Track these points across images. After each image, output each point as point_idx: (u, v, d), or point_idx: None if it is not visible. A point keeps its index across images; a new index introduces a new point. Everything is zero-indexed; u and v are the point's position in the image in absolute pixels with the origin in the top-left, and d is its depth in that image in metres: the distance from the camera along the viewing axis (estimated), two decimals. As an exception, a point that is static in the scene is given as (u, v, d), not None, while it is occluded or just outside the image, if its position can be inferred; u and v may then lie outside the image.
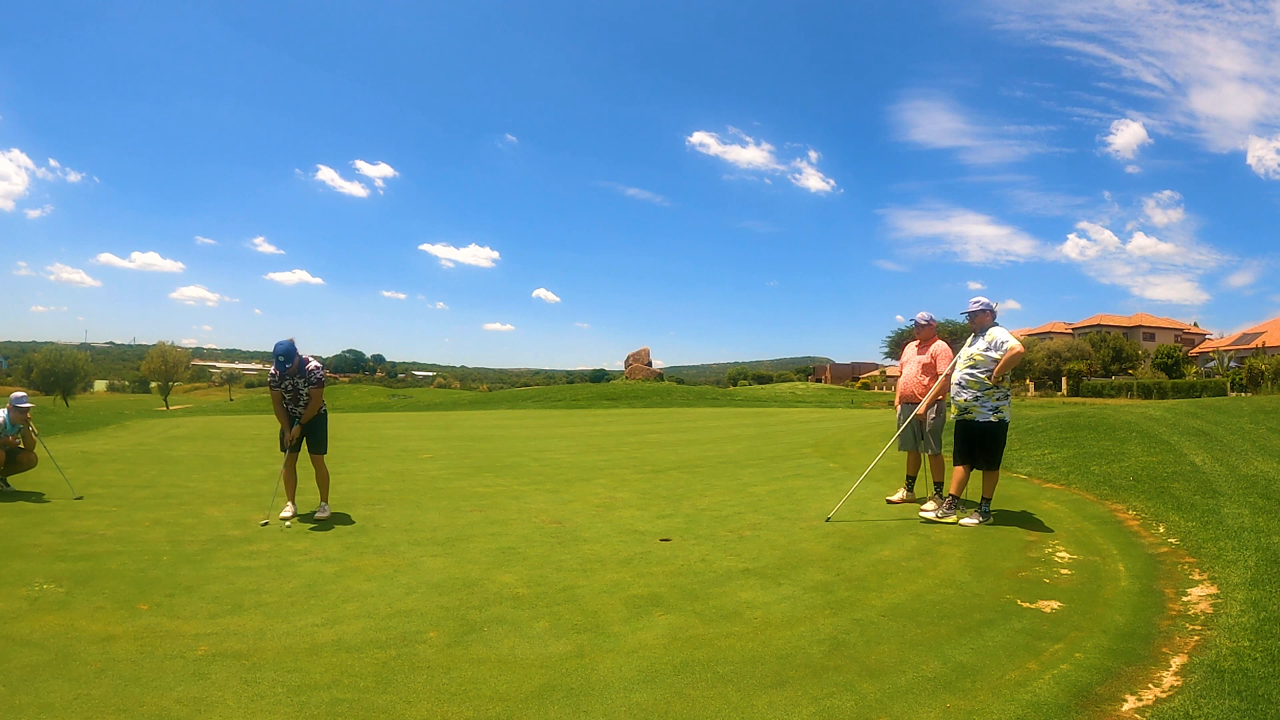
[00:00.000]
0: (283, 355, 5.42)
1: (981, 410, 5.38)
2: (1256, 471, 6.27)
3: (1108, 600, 3.67)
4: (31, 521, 5.27)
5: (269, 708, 2.48)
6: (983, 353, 5.38)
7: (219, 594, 3.67)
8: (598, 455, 10.34)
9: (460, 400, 40.52)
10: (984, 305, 5.52)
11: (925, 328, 6.24)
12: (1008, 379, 5.43)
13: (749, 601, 3.66)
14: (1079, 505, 6.06)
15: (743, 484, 7.56)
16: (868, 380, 65.16)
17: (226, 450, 10.73)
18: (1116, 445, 8.22)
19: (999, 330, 5.43)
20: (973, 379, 5.41)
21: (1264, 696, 2.47)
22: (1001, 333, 5.41)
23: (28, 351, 61.20)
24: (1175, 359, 48.20)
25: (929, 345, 6.23)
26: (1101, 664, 2.88)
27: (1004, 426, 5.41)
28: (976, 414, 5.40)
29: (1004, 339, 5.36)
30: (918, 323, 6.27)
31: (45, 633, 3.09)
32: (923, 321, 6.25)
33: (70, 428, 14.82)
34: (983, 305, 5.53)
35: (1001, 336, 5.38)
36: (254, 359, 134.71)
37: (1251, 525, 4.67)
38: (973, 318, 5.55)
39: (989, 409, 5.36)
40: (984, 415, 5.37)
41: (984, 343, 5.41)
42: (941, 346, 6.17)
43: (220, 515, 5.65)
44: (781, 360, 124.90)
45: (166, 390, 57.08)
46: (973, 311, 5.55)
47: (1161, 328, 62.76)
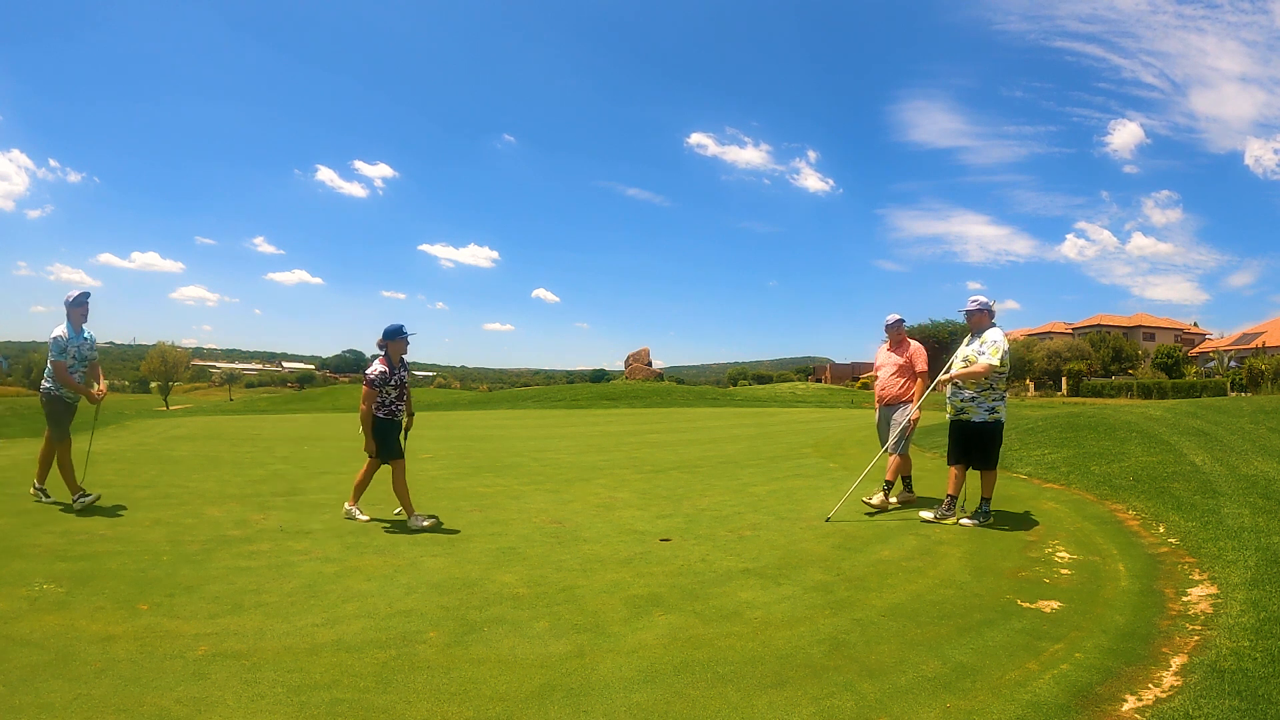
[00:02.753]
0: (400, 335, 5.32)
1: (978, 411, 5.37)
2: (1256, 471, 6.27)
3: (1108, 600, 3.67)
4: (31, 521, 5.27)
5: (269, 708, 2.48)
6: (977, 354, 5.37)
7: (219, 594, 3.67)
8: (598, 455, 10.34)
9: (460, 400, 40.50)
10: (982, 305, 5.50)
11: (894, 328, 6.26)
12: (1004, 380, 5.41)
13: (749, 601, 3.66)
14: (1079, 505, 6.05)
15: (743, 484, 7.56)
16: (868, 380, 65.16)
17: (226, 450, 10.73)
18: (1116, 445, 8.22)
19: (993, 332, 5.39)
20: (970, 380, 5.39)
21: (1264, 696, 2.47)
22: (994, 335, 5.36)
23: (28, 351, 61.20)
24: (1175, 359, 48.19)
25: (904, 347, 6.22)
26: (1101, 664, 2.88)
27: (1000, 426, 5.40)
28: (973, 414, 5.39)
29: (986, 350, 5.30)
30: (887, 324, 6.29)
31: (45, 633, 3.09)
32: (891, 322, 6.26)
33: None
34: (980, 305, 5.51)
35: (992, 339, 5.33)
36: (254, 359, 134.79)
37: (1251, 525, 4.66)
38: (970, 317, 5.54)
39: (985, 409, 5.35)
40: (980, 416, 5.36)
41: (979, 344, 5.40)
42: (918, 347, 6.17)
43: (220, 515, 5.64)
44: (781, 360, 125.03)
45: (166, 390, 57.08)
46: (970, 310, 5.53)
47: (1161, 328, 62.76)
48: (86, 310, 5.95)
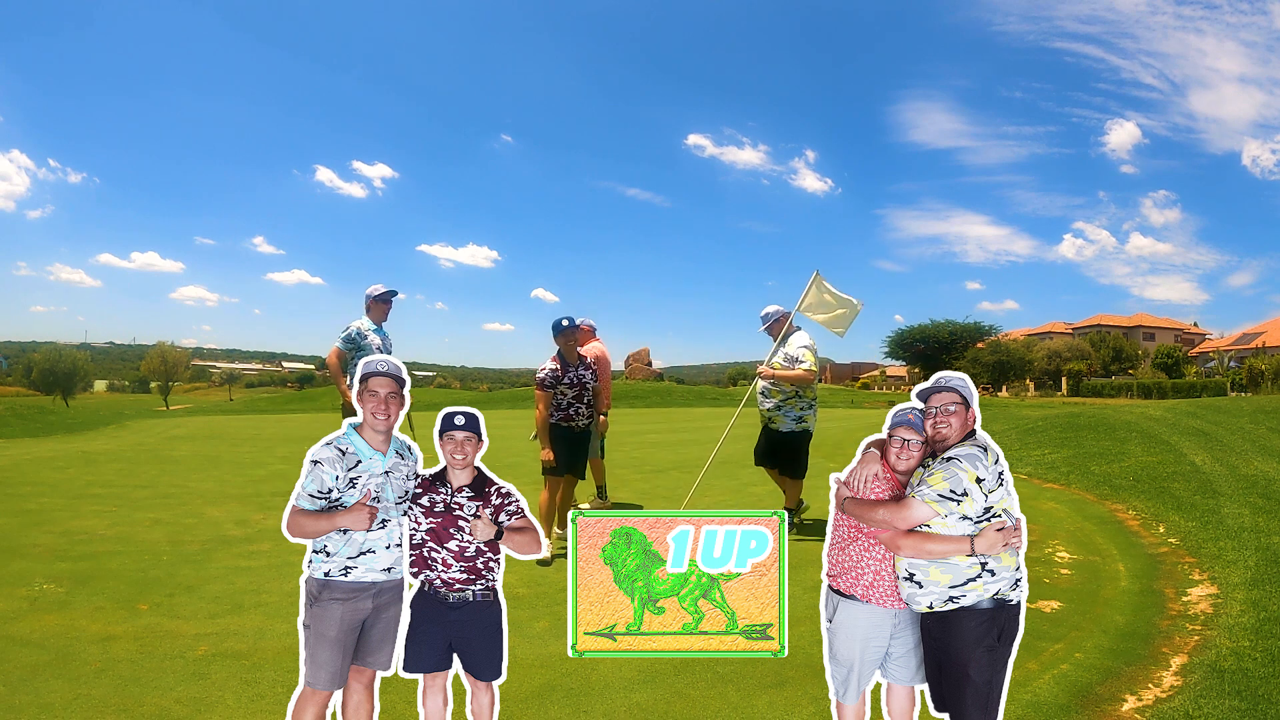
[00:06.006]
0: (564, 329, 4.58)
1: (785, 420, 5.25)
2: (1256, 471, 6.27)
3: (1108, 600, 3.67)
4: (31, 521, 5.27)
5: (269, 708, 2.48)
6: (793, 360, 5.24)
7: (219, 594, 3.67)
8: (598, 455, 10.33)
9: (460, 400, 40.51)
10: (775, 314, 5.43)
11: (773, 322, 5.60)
12: (812, 388, 5.30)
13: (749, 601, 3.65)
14: (1079, 505, 6.05)
15: (742, 484, 7.55)
16: (868, 380, 65.15)
17: (226, 450, 10.72)
18: (1116, 445, 8.22)
19: (800, 336, 5.32)
20: (775, 388, 5.27)
21: (1264, 696, 2.47)
22: (802, 340, 5.28)
23: (28, 351, 61.17)
24: (1175, 359, 48.20)
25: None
26: (1101, 664, 2.88)
27: (806, 436, 5.30)
28: (780, 424, 5.27)
29: (800, 355, 5.19)
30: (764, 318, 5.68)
31: (45, 633, 3.09)
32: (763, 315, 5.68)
33: (70, 428, 14.83)
34: (774, 314, 5.43)
35: (801, 343, 5.24)
36: (254, 359, 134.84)
37: (1251, 525, 4.66)
38: (770, 328, 5.45)
39: (792, 418, 5.25)
40: (787, 425, 5.25)
41: (786, 350, 5.29)
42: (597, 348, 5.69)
43: (220, 515, 5.64)
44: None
45: (166, 390, 57.02)
46: (768, 324, 5.44)
47: (1161, 328, 62.76)
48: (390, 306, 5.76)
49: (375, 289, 5.70)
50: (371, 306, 5.66)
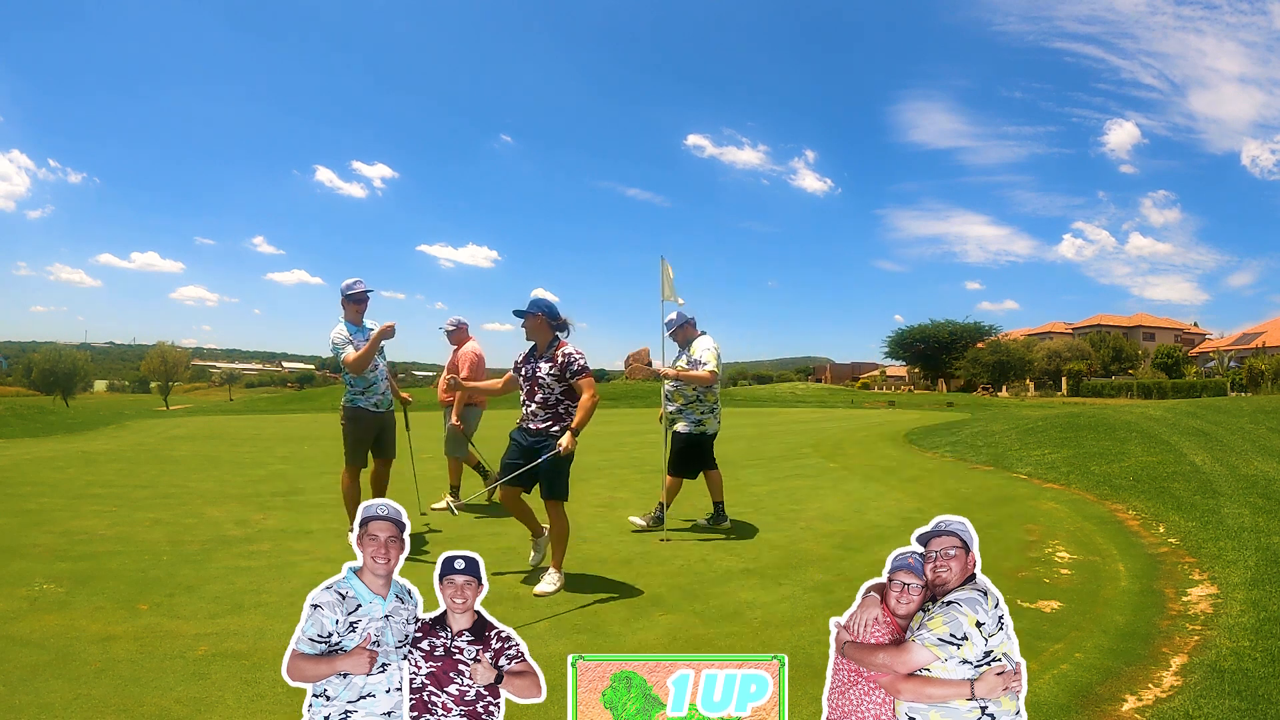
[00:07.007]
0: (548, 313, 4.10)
1: (685, 422, 5.34)
2: (1256, 471, 6.27)
3: (1108, 600, 3.67)
4: (31, 521, 5.27)
5: (269, 708, 2.48)
6: (685, 366, 5.32)
7: (219, 594, 3.67)
8: (597, 455, 10.33)
9: (460, 400, 40.52)
10: (681, 319, 5.46)
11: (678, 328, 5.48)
12: (714, 391, 5.35)
13: (749, 601, 3.66)
14: (1079, 505, 6.05)
15: (742, 484, 7.55)
16: (868, 380, 65.15)
17: (226, 450, 10.73)
18: (1116, 445, 8.22)
19: (704, 340, 5.37)
20: (677, 391, 5.35)
21: (1264, 696, 2.47)
22: (706, 343, 5.33)
23: (28, 351, 61.18)
24: (1175, 359, 48.23)
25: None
26: (1101, 664, 2.88)
27: (706, 438, 5.36)
28: (680, 425, 5.35)
29: (703, 357, 5.25)
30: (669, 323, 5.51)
31: (45, 633, 3.09)
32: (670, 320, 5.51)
33: (70, 428, 14.84)
34: (678, 319, 5.46)
35: (704, 346, 5.30)
36: (254, 359, 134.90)
37: (1251, 525, 4.67)
38: (674, 335, 5.46)
39: (692, 421, 5.32)
40: (686, 427, 5.33)
41: (688, 354, 5.37)
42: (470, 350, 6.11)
43: (220, 515, 5.65)
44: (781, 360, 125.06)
45: (166, 390, 57.06)
46: (672, 329, 5.44)
47: (1161, 328, 62.78)
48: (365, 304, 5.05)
49: (348, 284, 4.93)
50: (344, 305, 4.96)
